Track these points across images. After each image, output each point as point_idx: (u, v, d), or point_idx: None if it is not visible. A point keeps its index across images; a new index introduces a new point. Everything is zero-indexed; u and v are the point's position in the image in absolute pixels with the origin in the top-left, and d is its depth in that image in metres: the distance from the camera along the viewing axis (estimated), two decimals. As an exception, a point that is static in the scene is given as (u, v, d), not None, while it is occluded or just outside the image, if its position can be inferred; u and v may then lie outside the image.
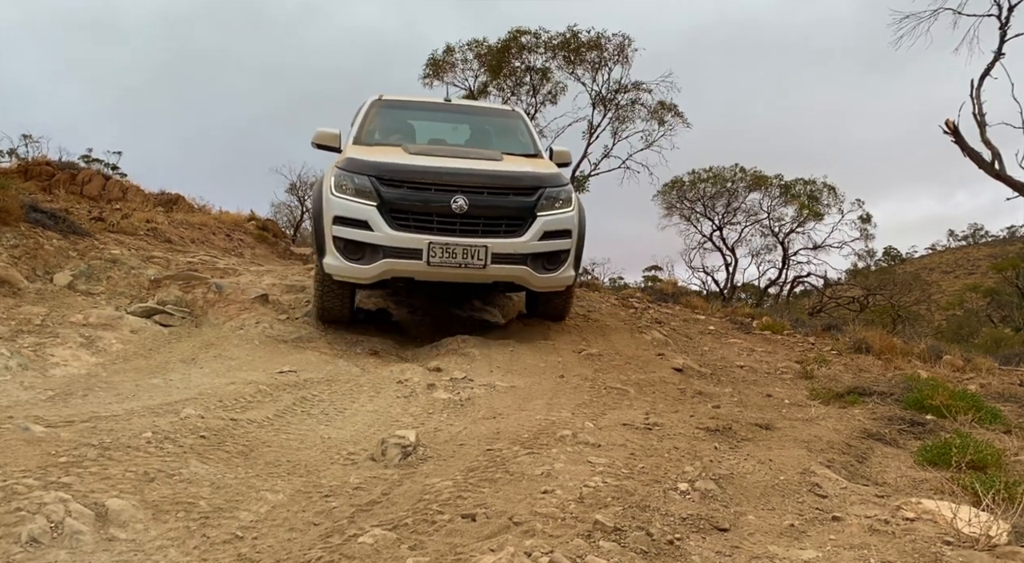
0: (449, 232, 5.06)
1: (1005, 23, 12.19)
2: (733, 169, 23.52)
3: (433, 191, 5.05)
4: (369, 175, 5.12)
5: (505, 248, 5.12)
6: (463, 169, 5.21)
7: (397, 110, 6.98)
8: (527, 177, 5.37)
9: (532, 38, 19.42)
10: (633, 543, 1.86)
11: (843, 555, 1.93)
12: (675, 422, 3.48)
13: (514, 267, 5.17)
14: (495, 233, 5.13)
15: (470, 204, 5.04)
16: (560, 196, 5.39)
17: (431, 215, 5.06)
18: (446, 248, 5.02)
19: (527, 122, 6.98)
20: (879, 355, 6.84)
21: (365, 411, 3.93)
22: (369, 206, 5.06)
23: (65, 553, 1.85)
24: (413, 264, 5.04)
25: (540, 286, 5.47)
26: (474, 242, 5.05)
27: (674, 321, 7.60)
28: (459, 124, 7.21)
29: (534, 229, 5.20)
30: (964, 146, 11.56)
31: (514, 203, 5.21)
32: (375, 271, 5.11)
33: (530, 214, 5.22)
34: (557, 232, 5.30)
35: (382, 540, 1.87)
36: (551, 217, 5.28)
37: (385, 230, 5.02)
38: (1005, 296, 25.21)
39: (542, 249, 5.25)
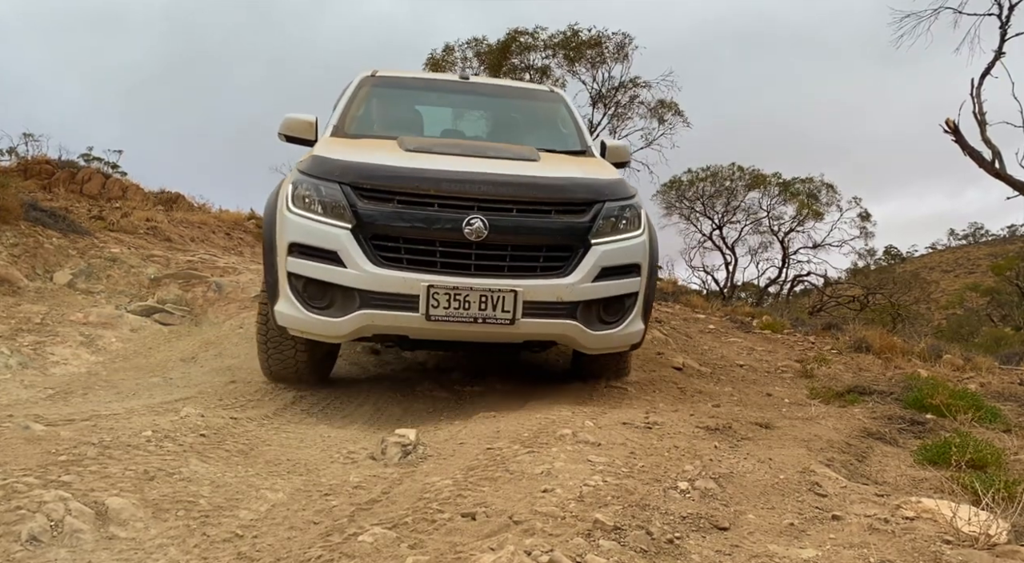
0: (460, 270, 3.49)
1: (1005, 22, 12.20)
2: (731, 168, 23.53)
3: (437, 208, 3.48)
4: (342, 182, 3.54)
5: (543, 293, 3.52)
6: (482, 175, 3.63)
7: (395, 91, 5.30)
8: (577, 186, 3.78)
9: (530, 37, 19.43)
10: (633, 542, 1.87)
11: (843, 554, 1.93)
12: (675, 421, 3.48)
13: (556, 322, 3.57)
14: (528, 271, 3.56)
15: (492, 227, 3.46)
16: (625, 214, 3.78)
17: (433, 244, 3.48)
18: (455, 295, 3.42)
19: (571, 107, 5.26)
20: (879, 354, 6.84)
21: (365, 410, 3.93)
22: (341, 229, 3.48)
23: (65, 551, 1.85)
24: (405, 318, 3.45)
25: (595, 348, 3.85)
26: (497, 285, 3.46)
27: (674, 320, 7.60)
28: (479, 110, 5.60)
29: (587, 264, 3.59)
30: (964, 145, 11.56)
31: (558, 226, 3.61)
32: (347, 327, 3.51)
33: (581, 241, 3.61)
34: (621, 268, 3.72)
35: (382, 539, 1.87)
36: (613, 246, 3.68)
37: (363, 266, 3.44)
38: (1005, 295, 25.21)
39: (598, 293, 3.66)
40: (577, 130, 5.00)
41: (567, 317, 3.59)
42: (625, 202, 3.84)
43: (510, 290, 3.46)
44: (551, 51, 19.63)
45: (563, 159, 4.37)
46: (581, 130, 4.98)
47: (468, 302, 3.44)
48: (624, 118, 20.32)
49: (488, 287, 3.45)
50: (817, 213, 23.07)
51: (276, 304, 3.66)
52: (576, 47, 19.39)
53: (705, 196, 23.78)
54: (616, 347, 3.97)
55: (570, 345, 3.86)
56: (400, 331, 3.60)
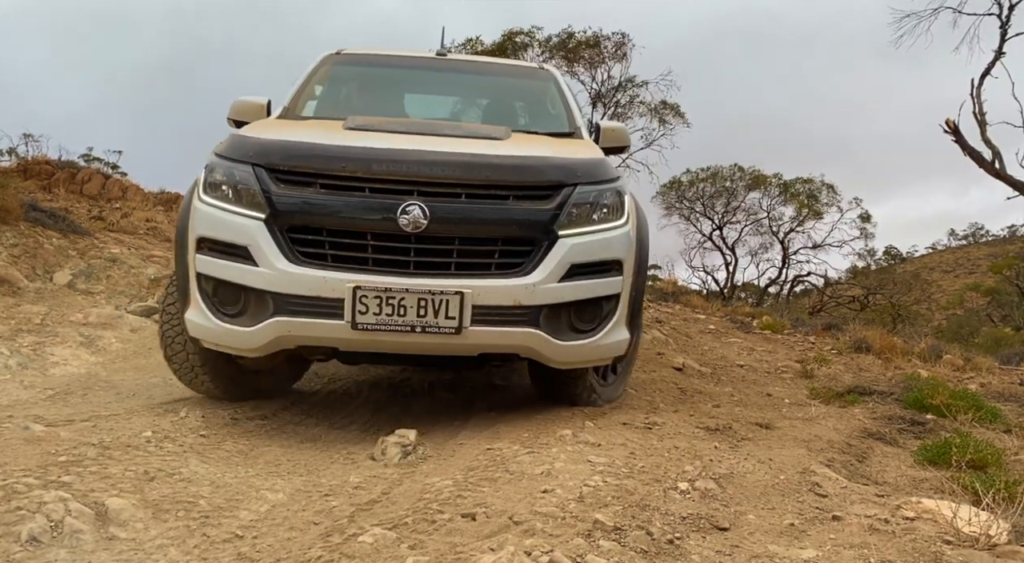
0: (396, 268, 2.91)
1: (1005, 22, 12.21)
2: (731, 168, 23.54)
3: (368, 193, 2.93)
4: (255, 164, 3.00)
5: (497, 296, 2.93)
6: (424, 153, 3.05)
7: (361, 69, 4.67)
8: (541, 166, 3.15)
9: (526, 37, 19.43)
10: (633, 542, 1.86)
11: (843, 554, 1.93)
12: (675, 421, 3.48)
13: (514, 331, 2.98)
14: (481, 270, 2.97)
15: (434, 216, 2.89)
16: (603, 200, 3.17)
17: (363, 237, 2.91)
18: (387, 298, 2.84)
19: (561, 85, 4.60)
20: (879, 354, 6.84)
21: (365, 410, 3.93)
22: (252, 220, 2.93)
23: (65, 552, 1.85)
24: (327, 327, 2.87)
25: (565, 362, 3.20)
26: (440, 286, 2.87)
27: (674, 320, 7.60)
28: (457, 89, 4.94)
29: (552, 260, 2.99)
30: (964, 145, 11.57)
31: (516, 214, 3.01)
32: (260, 338, 2.94)
33: (545, 233, 3.01)
34: (596, 265, 3.11)
35: (382, 539, 1.87)
36: (586, 238, 3.08)
37: (277, 264, 2.88)
38: (1005, 295, 25.21)
39: (568, 296, 3.04)
40: (566, 110, 4.34)
41: (527, 325, 2.98)
42: (603, 186, 3.20)
43: (455, 292, 2.87)
44: (549, 52, 19.63)
45: (538, 139, 3.68)
46: (571, 110, 4.32)
47: (404, 307, 2.85)
48: (624, 118, 20.32)
49: (428, 289, 2.86)
50: (817, 213, 23.08)
51: (187, 311, 3.11)
52: (573, 48, 19.39)
53: (705, 196, 23.78)
54: (593, 361, 3.32)
55: (534, 358, 3.15)
56: (323, 342, 3.00)
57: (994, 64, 12.01)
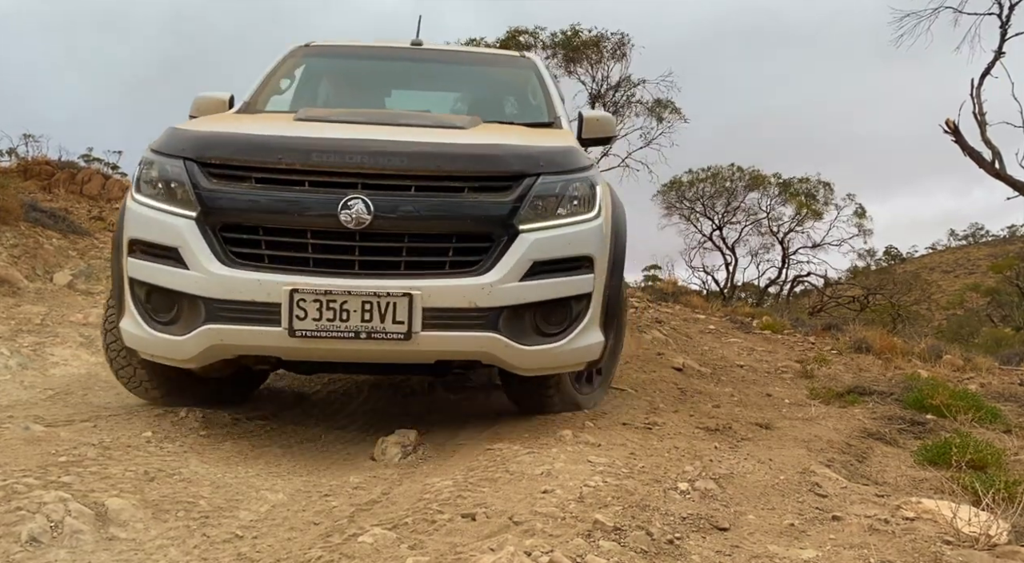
0: (340, 269, 2.68)
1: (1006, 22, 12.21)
2: (731, 169, 23.55)
3: (307, 187, 2.70)
4: (186, 158, 2.77)
5: (451, 297, 2.69)
6: (369, 142, 2.81)
7: (331, 61, 4.45)
8: (499, 155, 2.90)
9: (530, 37, 19.44)
10: (633, 542, 1.87)
11: (843, 554, 1.93)
12: (675, 421, 3.48)
13: (470, 336, 2.74)
14: (434, 269, 2.73)
15: (379, 211, 2.66)
16: (570, 191, 2.92)
17: (303, 235, 2.69)
18: (328, 302, 2.61)
19: (543, 75, 4.33)
20: (879, 354, 6.85)
21: (365, 410, 3.93)
22: (182, 218, 2.71)
23: (65, 552, 1.85)
24: (263, 334, 2.65)
25: (530, 368, 2.95)
26: (385, 287, 2.63)
27: (674, 320, 7.60)
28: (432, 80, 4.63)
29: (512, 257, 2.76)
30: (964, 145, 11.58)
31: (470, 207, 2.77)
32: (192, 347, 2.72)
33: (504, 228, 2.77)
34: (563, 262, 2.87)
35: (382, 539, 1.87)
36: (551, 233, 2.83)
37: (208, 266, 2.66)
38: (1005, 295, 25.22)
39: (531, 296, 2.80)
40: (546, 99, 4.09)
41: (485, 328, 2.72)
42: (571, 176, 2.94)
43: (403, 294, 2.61)
44: (551, 51, 19.64)
45: (506, 128, 3.43)
46: (551, 99, 4.06)
47: (346, 311, 2.60)
48: (622, 117, 20.32)
49: (373, 290, 2.61)
50: (816, 212, 23.08)
51: (121, 319, 2.89)
52: (576, 48, 19.39)
53: (705, 197, 23.78)
54: (563, 366, 3.04)
55: (496, 365, 2.92)
56: (260, 351, 2.76)
57: (994, 64, 12.02)
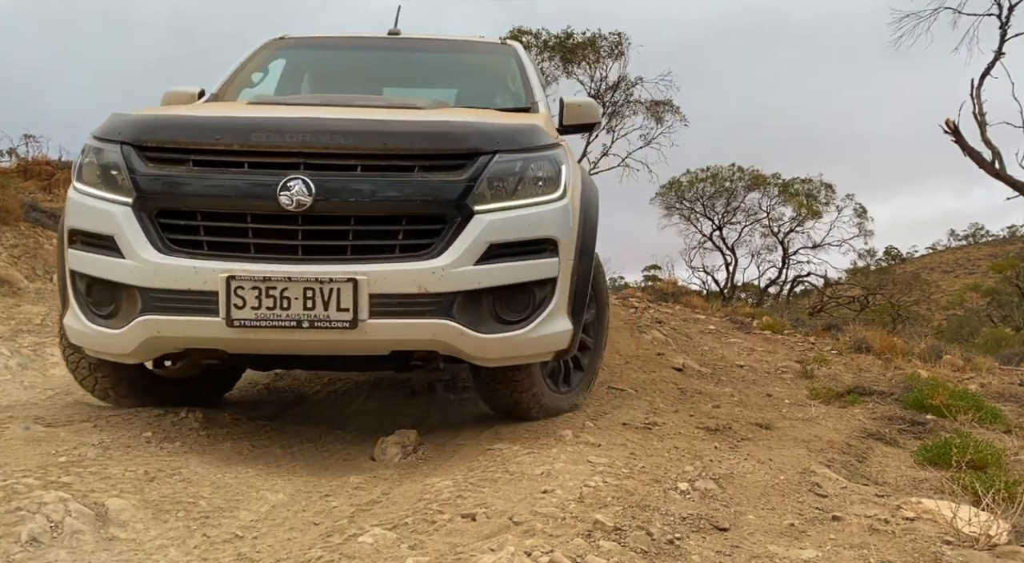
0: (282, 254, 2.54)
1: (1005, 22, 12.22)
2: (731, 169, 23.56)
3: (247, 168, 2.56)
4: (123, 142, 2.65)
5: (400, 282, 2.53)
6: (312, 120, 2.68)
7: (304, 53, 4.35)
8: (451, 131, 2.76)
9: (532, 38, 19.45)
10: (633, 543, 1.87)
11: (843, 555, 1.93)
12: (675, 422, 3.48)
13: (422, 323, 2.57)
14: (383, 253, 2.58)
15: (322, 192, 2.52)
16: (532, 170, 2.77)
17: (243, 219, 2.55)
18: (267, 289, 2.47)
19: (524, 61, 4.19)
20: (879, 355, 6.85)
21: (365, 410, 3.93)
22: (118, 205, 2.59)
23: (65, 553, 1.85)
24: (200, 324, 2.51)
25: (491, 358, 2.77)
26: (328, 272, 2.49)
27: (674, 321, 7.59)
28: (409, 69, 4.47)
29: (467, 239, 2.60)
30: (964, 146, 11.59)
31: (421, 187, 2.60)
32: (130, 341, 2.58)
33: (458, 208, 2.62)
34: (524, 244, 2.71)
35: (382, 540, 1.87)
36: (509, 214, 2.68)
37: (143, 254, 2.53)
38: (1005, 296, 25.23)
39: (487, 281, 2.63)
40: (526, 84, 3.96)
41: (437, 315, 2.56)
42: (532, 154, 2.78)
43: (347, 279, 2.46)
44: (548, 53, 19.64)
45: (470, 110, 3.23)
46: (530, 85, 3.92)
47: (287, 299, 2.46)
48: (622, 117, 20.35)
49: (315, 276, 2.46)
50: (816, 213, 23.10)
51: (65, 315, 2.78)
52: (571, 49, 19.40)
53: (705, 197, 23.80)
54: (526, 356, 2.84)
55: (453, 355, 2.74)
56: (198, 343, 2.63)
57: (994, 64, 12.03)
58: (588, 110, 3.82)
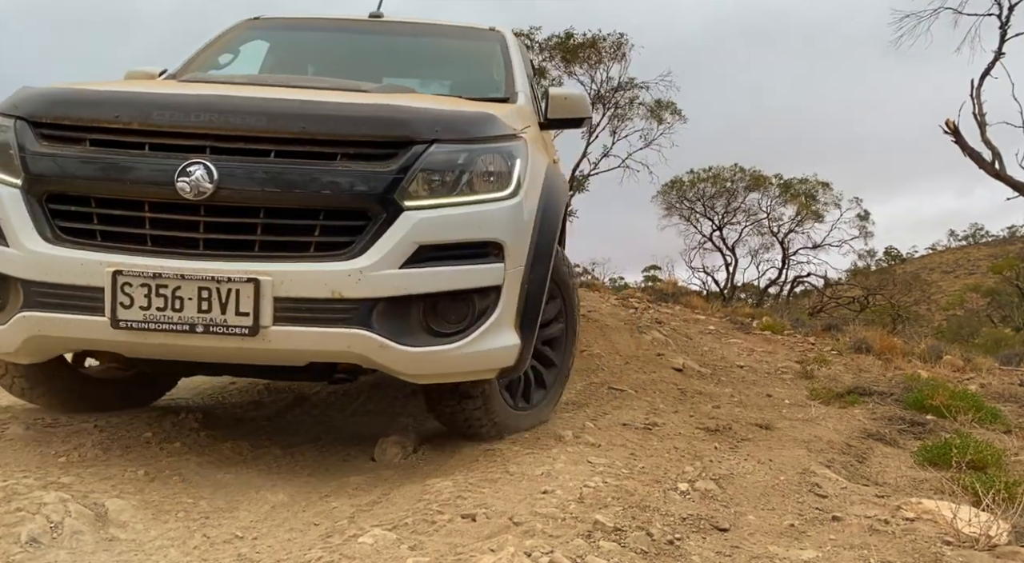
0: (179, 248, 2.27)
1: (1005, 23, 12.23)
2: (732, 169, 23.59)
3: (148, 150, 2.29)
4: (17, 117, 2.39)
5: (310, 285, 2.25)
6: (221, 98, 2.43)
7: (282, 35, 4.12)
8: (380, 116, 2.43)
9: (526, 39, 19.47)
10: (633, 543, 1.87)
11: (843, 555, 1.93)
12: (675, 422, 3.48)
13: (334, 332, 2.27)
14: (294, 250, 2.30)
15: (226, 179, 2.24)
16: (475, 163, 2.47)
17: (139, 208, 2.28)
18: (158, 287, 2.20)
19: (510, 48, 3.90)
20: (879, 355, 6.85)
21: (365, 411, 3.93)
22: (5, 186, 2.33)
23: (65, 553, 1.85)
24: (83, 325, 2.24)
25: (417, 374, 2.45)
26: (227, 271, 2.21)
27: (674, 321, 7.59)
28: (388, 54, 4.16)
29: (392, 238, 2.30)
30: (964, 146, 11.59)
31: (341, 177, 2.31)
32: (11, 339, 2.31)
33: (383, 203, 2.31)
34: (462, 247, 2.41)
35: (382, 540, 1.87)
36: (443, 211, 2.38)
37: (27, 242, 2.27)
38: (1005, 296, 25.24)
39: (415, 286, 2.33)
40: (508, 73, 3.67)
41: (353, 324, 2.26)
42: (478, 145, 2.48)
43: (247, 279, 2.19)
44: (548, 53, 19.66)
45: (417, 95, 2.91)
46: (512, 74, 3.64)
47: (179, 299, 2.19)
48: (624, 119, 20.38)
49: (211, 274, 2.19)
50: (816, 213, 23.12)
51: None
52: (572, 49, 19.42)
53: (705, 197, 23.83)
54: (461, 374, 2.52)
55: (375, 369, 2.45)
56: (83, 344, 2.41)
57: (994, 64, 12.03)
58: (576, 104, 3.50)
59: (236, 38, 3.91)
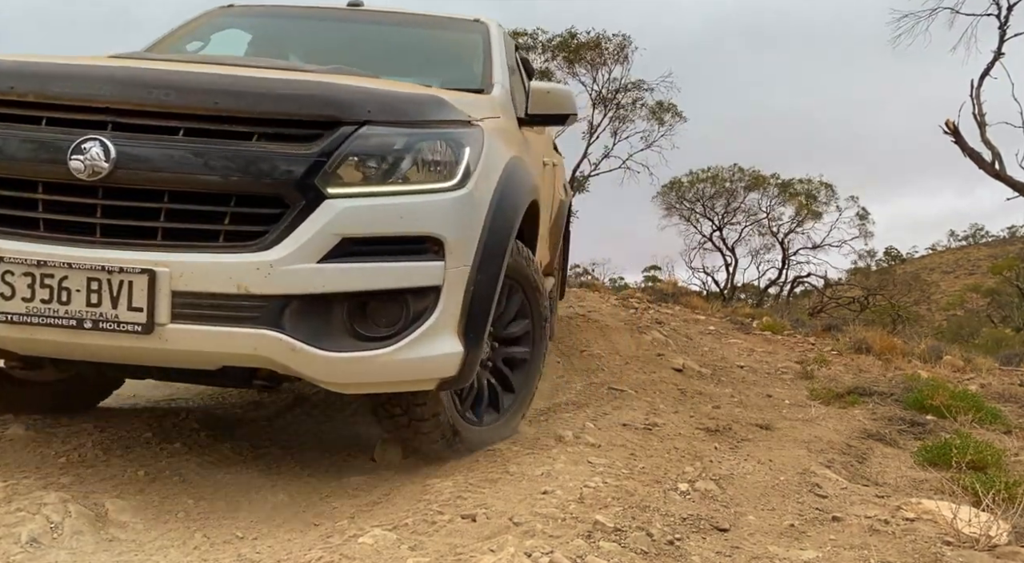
0: (68, 233, 2.04)
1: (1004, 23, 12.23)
2: (731, 169, 23.61)
3: (44, 125, 2.08)
4: None
5: (212, 279, 2.02)
6: (130, 70, 2.20)
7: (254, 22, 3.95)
8: (304, 93, 2.21)
9: (529, 39, 19.49)
10: (633, 543, 1.87)
11: (843, 555, 1.94)
12: (675, 422, 3.48)
13: (239, 332, 2.03)
14: (199, 239, 2.06)
15: (124, 158, 2.02)
16: (415, 149, 2.22)
17: (31, 188, 2.07)
18: (42, 277, 2.00)
19: (492, 40, 3.69)
20: (879, 355, 6.85)
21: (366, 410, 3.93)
22: None
23: (65, 554, 1.85)
24: None
25: (340, 382, 2.22)
26: (121, 261, 1.99)
27: (674, 321, 7.60)
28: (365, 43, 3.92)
29: (309, 229, 2.06)
30: (964, 146, 11.59)
31: (256, 159, 2.07)
32: None
33: (302, 189, 2.07)
34: (391, 241, 2.17)
35: (382, 540, 1.87)
36: (373, 200, 2.14)
37: None
38: (1005, 296, 25.24)
39: (333, 284, 2.09)
40: (486, 63, 3.46)
41: (261, 324, 2.02)
42: (420, 130, 2.24)
43: (141, 270, 1.96)
44: (551, 53, 19.69)
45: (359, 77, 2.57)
46: (491, 66, 3.43)
47: (67, 290, 1.97)
48: (626, 120, 20.41)
49: (101, 264, 1.97)
50: (816, 213, 23.14)
51: None
52: (575, 50, 19.45)
53: (705, 197, 23.84)
54: (394, 383, 2.27)
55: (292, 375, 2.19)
56: None
57: (993, 65, 12.04)
58: (559, 99, 3.23)
59: (207, 24, 3.71)
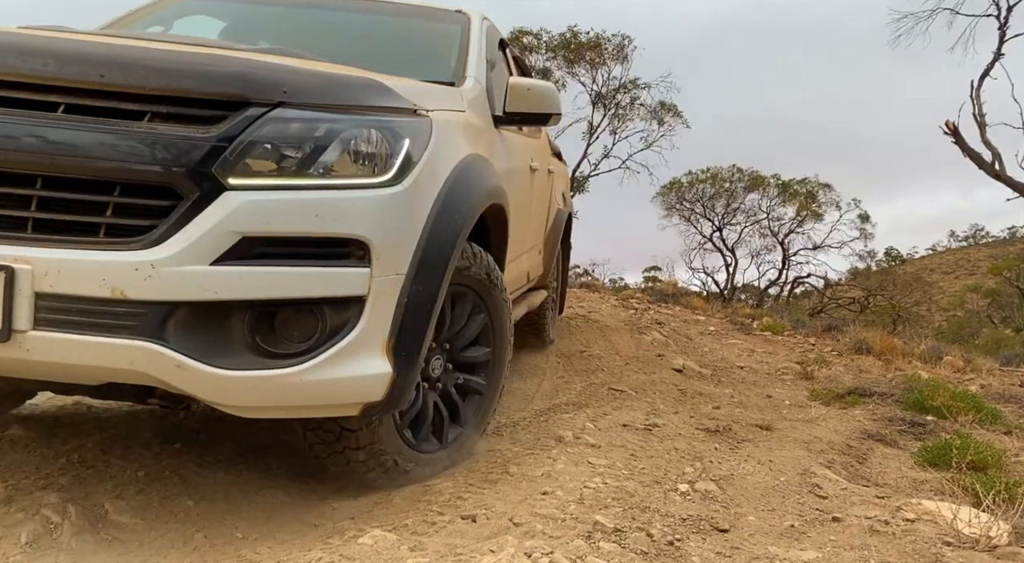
0: None
1: (1004, 23, 12.23)
2: (731, 170, 23.61)
3: None
4: None
5: (83, 280, 1.71)
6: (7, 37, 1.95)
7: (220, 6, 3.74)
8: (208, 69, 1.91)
9: (533, 39, 19.50)
10: (633, 544, 1.87)
11: (843, 556, 1.93)
12: (675, 423, 3.48)
13: (112, 343, 1.72)
14: (75, 232, 1.76)
15: None
16: (341, 139, 1.93)
17: None
18: None
19: (472, 32, 3.48)
20: (880, 356, 6.85)
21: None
22: None
23: (65, 554, 1.85)
24: None
25: (239, 405, 1.94)
26: None
27: (674, 322, 7.60)
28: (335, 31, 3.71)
29: (203, 224, 1.76)
30: (964, 147, 11.60)
31: (145, 141, 1.77)
32: None
33: (196, 179, 1.77)
34: (305, 243, 1.88)
35: (382, 541, 1.87)
36: (283, 195, 1.85)
37: None
38: (1006, 297, 25.23)
39: (228, 290, 1.78)
40: (459, 58, 3.23)
41: (139, 335, 1.74)
42: (348, 116, 1.98)
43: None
44: (552, 53, 19.70)
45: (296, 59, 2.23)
46: (466, 59, 3.21)
47: None
48: (625, 120, 20.42)
49: None
50: (816, 214, 23.14)
51: None
52: (575, 49, 19.46)
53: (705, 198, 23.83)
54: (305, 407, 2.00)
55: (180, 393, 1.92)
56: None
57: (993, 65, 12.04)
58: (540, 96, 3.00)
59: (167, 8, 3.49)
